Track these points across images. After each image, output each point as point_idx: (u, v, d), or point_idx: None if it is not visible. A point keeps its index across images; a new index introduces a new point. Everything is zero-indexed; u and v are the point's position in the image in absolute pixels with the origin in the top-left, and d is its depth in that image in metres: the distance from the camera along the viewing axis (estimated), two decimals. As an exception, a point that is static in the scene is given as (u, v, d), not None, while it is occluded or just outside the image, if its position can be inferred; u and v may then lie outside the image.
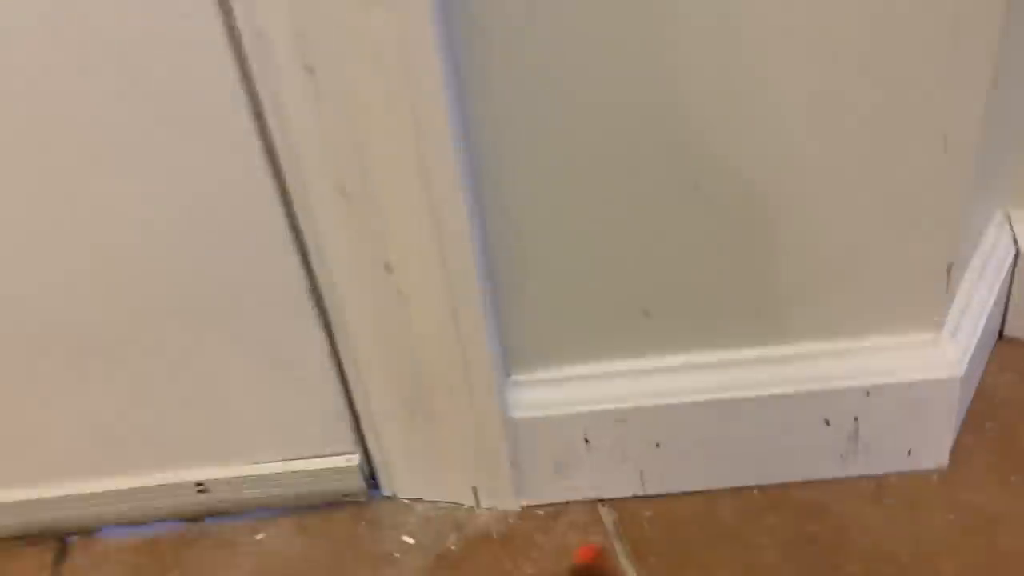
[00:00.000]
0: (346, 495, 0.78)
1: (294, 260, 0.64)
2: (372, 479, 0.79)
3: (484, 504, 0.78)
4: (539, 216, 0.64)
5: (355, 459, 0.76)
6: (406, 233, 0.61)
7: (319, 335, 0.68)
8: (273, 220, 0.62)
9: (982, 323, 0.74)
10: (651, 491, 0.76)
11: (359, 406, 0.73)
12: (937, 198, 0.62)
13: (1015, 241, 0.80)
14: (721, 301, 0.68)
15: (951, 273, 0.66)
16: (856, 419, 0.71)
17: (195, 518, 0.80)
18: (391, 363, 0.69)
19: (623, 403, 0.71)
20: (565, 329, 0.70)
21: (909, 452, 0.74)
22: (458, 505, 0.78)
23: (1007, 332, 0.86)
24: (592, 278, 0.67)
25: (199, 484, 0.77)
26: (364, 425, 0.74)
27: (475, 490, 0.77)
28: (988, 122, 0.60)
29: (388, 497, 0.80)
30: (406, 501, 0.79)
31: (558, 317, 0.69)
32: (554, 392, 0.72)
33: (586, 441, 0.73)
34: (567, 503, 0.77)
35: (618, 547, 0.73)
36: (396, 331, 0.67)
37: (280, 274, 0.65)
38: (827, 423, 0.72)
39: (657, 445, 0.73)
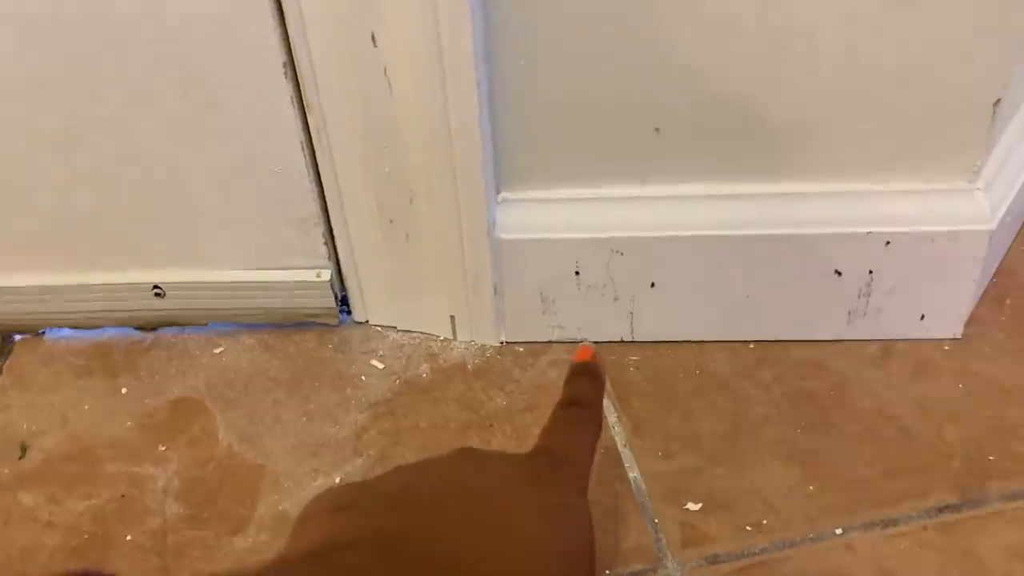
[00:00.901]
0: (315, 315, 0.73)
1: (270, 24, 0.57)
2: (344, 304, 0.74)
3: (462, 336, 0.72)
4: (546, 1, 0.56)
5: (326, 274, 0.70)
6: (397, -4, 0.54)
7: (293, 121, 0.61)
8: (249, -28, 0.55)
9: (1019, 182, 0.68)
10: (640, 337, 0.71)
11: (333, 212, 0.67)
12: (997, 14, 0.55)
13: (1062, 109, 0.73)
14: (735, 124, 0.61)
15: (997, 110, 0.60)
16: (871, 272, 0.66)
17: (150, 326, 0.75)
18: (371, 161, 0.63)
19: (620, 232, 0.65)
20: (567, 141, 0.63)
21: (922, 317, 0.68)
22: (434, 336, 0.73)
23: (1037, 217, 0.80)
24: (603, 84, 0.60)
25: (156, 287, 0.71)
26: (338, 236, 0.68)
27: (453, 320, 0.71)
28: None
29: (360, 323, 0.74)
30: (379, 328, 0.74)
31: (560, 125, 0.62)
32: (547, 214, 0.66)
33: (576, 273, 0.67)
34: (550, 343, 0.72)
35: (600, 388, 0.68)
36: (378, 121, 0.60)
37: (253, 41, 0.58)
38: (838, 274, 0.66)
39: (652, 285, 0.68)
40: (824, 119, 0.61)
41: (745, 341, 0.71)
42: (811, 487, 0.60)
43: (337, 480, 0.63)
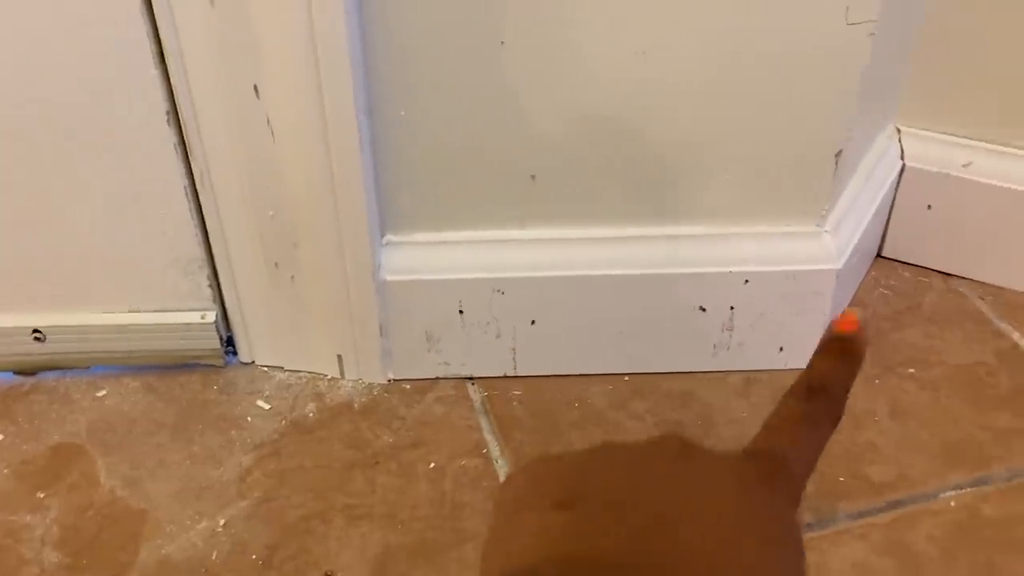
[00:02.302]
0: (200, 357, 0.73)
1: (153, 74, 0.58)
2: (230, 345, 0.74)
3: (349, 375, 0.74)
4: (425, 56, 0.60)
5: (211, 316, 0.71)
6: (278, 50, 0.56)
7: (176, 166, 0.62)
8: (131, 24, 0.56)
9: (864, 224, 0.74)
10: (523, 372, 0.74)
11: (218, 255, 0.68)
12: (838, 75, 0.61)
13: (902, 156, 0.81)
14: (607, 174, 0.66)
15: (839, 161, 0.66)
16: (732, 308, 0.71)
17: (30, 371, 0.73)
18: (255, 205, 0.64)
19: (501, 272, 0.68)
20: (449, 186, 0.66)
21: (780, 349, 0.74)
22: (321, 375, 0.74)
23: (885, 252, 0.87)
24: (480, 133, 0.63)
25: (35, 331, 0.70)
26: (223, 278, 0.69)
27: (340, 359, 0.73)
28: (889, 3, 0.59)
29: (246, 364, 0.75)
30: (265, 369, 0.75)
31: (442, 171, 0.65)
32: (432, 256, 0.69)
33: (461, 312, 0.70)
34: (436, 379, 0.74)
35: (483, 423, 0.70)
36: (262, 167, 0.62)
37: (138, 89, 0.59)
38: (703, 310, 0.71)
39: (533, 322, 0.71)
40: (688, 168, 0.66)
41: (621, 374, 0.75)
42: (680, 512, 0.64)
43: (222, 523, 0.63)
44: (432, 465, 0.67)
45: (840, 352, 0.31)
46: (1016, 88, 0.75)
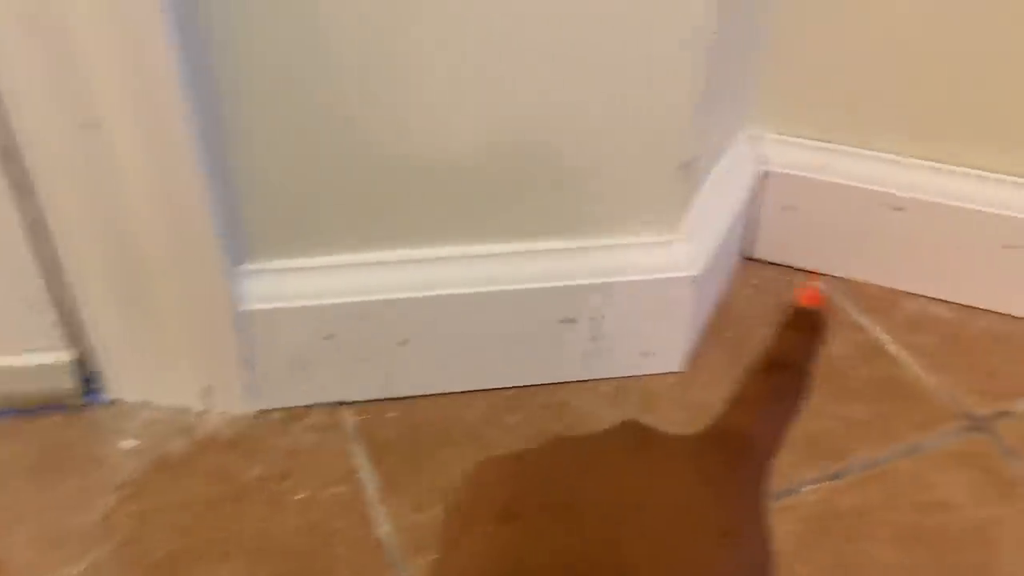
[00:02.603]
0: (59, 398, 0.71)
1: (-20, 112, 0.56)
2: (92, 384, 0.72)
3: (217, 408, 0.73)
4: (271, 83, 0.59)
5: (65, 356, 0.68)
6: (111, 83, 0.54)
7: (15, 204, 0.60)
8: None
9: (721, 229, 0.76)
10: (398, 393, 0.74)
11: (72, 293, 0.66)
12: (676, 90, 0.63)
13: (761, 161, 0.83)
14: (467, 193, 0.66)
15: (687, 172, 0.67)
16: (596, 319, 0.72)
17: None
18: (103, 241, 0.62)
19: (367, 296, 0.68)
20: (307, 212, 0.65)
21: (647, 355, 0.75)
22: (187, 409, 0.73)
23: (756, 254, 0.89)
24: (333, 158, 0.63)
25: None
26: (80, 316, 0.67)
27: (206, 392, 0.71)
28: (722, 18, 0.61)
29: (110, 401, 0.73)
30: (130, 405, 0.73)
31: (297, 198, 0.65)
32: (293, 283, 0.68)
33: (328, 337, 0.69)
34: (308, 407, 0.73)
35: (356, 449, 0.70)
36: (107, 203, 0.60)
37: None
38: (569, 321, 0.72)
39: (403, 343, 0.71)
40: (545, 185, 0.66)
41: (496, 388, 0.75)
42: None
43: (83, 569, 0.61)
44: (302, 495, 0.66)
45: (803, 325, 0.30)
46: (863, 93, 0.79)
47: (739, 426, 0.28)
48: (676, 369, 0.77)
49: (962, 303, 0.84)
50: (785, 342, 0.30)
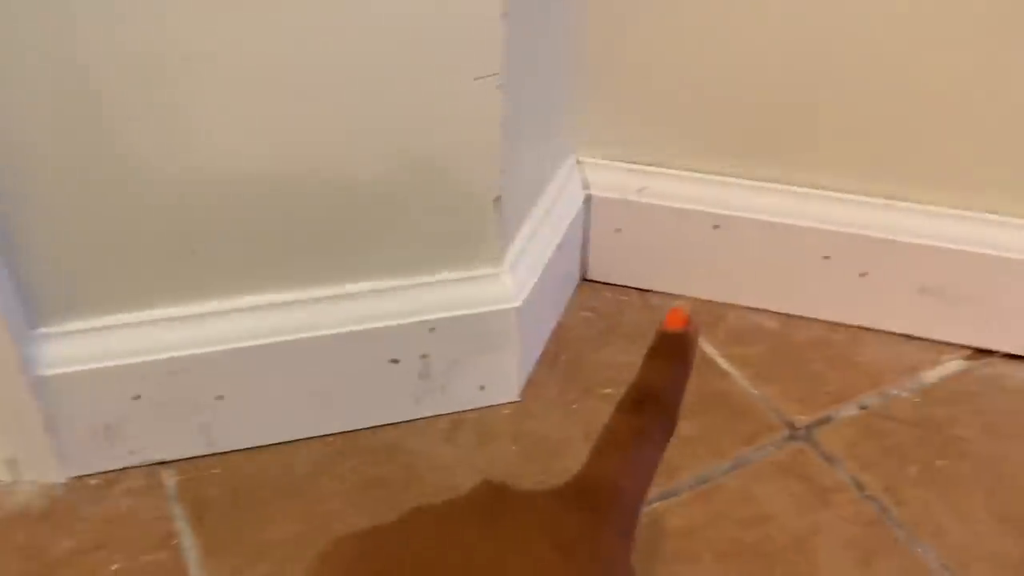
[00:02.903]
0: None
1: None
2: None
3: (24, 478, 0.68)
4: (38, 137, 0.56)
5: None
6: None
7: None
8: None
9: (545, 259, 0.76)
10: (221, 448, 0.71)
11: None
12: (475, 127, 0.63)
13: (585, 186, 0.84)
14: (275, 239, 0.64)
15: (499, 206, 0.67)
16: (424, 356, 0.71)
17: None
18: None
19: (177, 351, 0.65)
20: (105, 270, 0.62)
21: (482, 388, 0.75)
22: (-8, 483, 0.68)
23: (591, 276, 0.91)
24: (120, 213, 0.60)
25: None
26: None
27: (11, 463, 0.67)
28: (515, 53, 0.61)
29: (-97, 482, 0.68)
30: (-74, 484, 0.68)
31: (90, 258, 0.61)
32: (94, 344, 0.64)
33: (136, 397, 0.66)
34: (125, 469, 0.70)
35: (176, 511, 0.67)
36: None
37: None
38: (395, 362, 0.70)
39: (220, 397, 0.68)
40: (359, 226, 0.65)
41: (325, 436, 0.73)
42: None
43: None
44: (117, 566, 0.63)
45: (669, 353, 0.30)
46: (678, 117, 0.81)
47: (603, 475, 0.27)
48: (512, 399, 0.77)
49: (786, 313, 0.87)
50: (651, 372, 0.29)
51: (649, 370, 0.30)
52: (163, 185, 0.59)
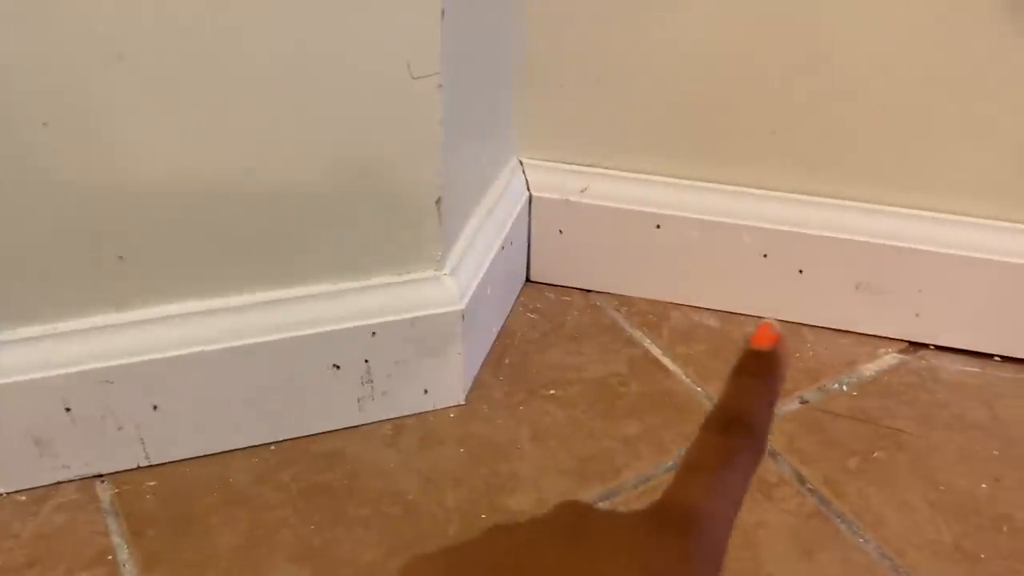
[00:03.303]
0: None
1: None
2: None
3: (-50, 497, 0.66)
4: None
5: None
6: None
7: None
8: None
9: (488, 261, 0.76)
10: (158, 460, 0.69)
11: None
12: (415, 128, 0.62)
13: (528, 187, 0.84)
14: (208, 244, 0.63)
15: (441, 208, 0.67)
16: (366, 361, 0.70)
17: None
18: None
19: (107, 361, 0.63)
20: (23, 280, 0.60)
21: (426, 392, 0.74)
22: (-85, 502, 0.65)
23: (536, 277, 0.90)
24: (46, 220, 0.58)
25: None
26: None
27: (-66, 482, 0.64)
28: (454, 53, 0.61)
29: None
30: None
31: (13, 268, 0.59)
32: (21, 355, 0.62)
33: (67, 409, 0.64)
34: (57, 484, 0.67)
35: (112, 524, 0.65)
36: None
37: None
38: (336, 367, 0.69)
39: (154, 408, 0.66)
40: (299, 229, 0.64)
41: (267, 444, 0.72)
42: (325, 582, 0.62)
43: None
44: (49, 584, 0.61)
45: (757, 372, 0.28)
46: (617, 119, 0.81)
47: (691, 499, 0.26)
48: (457, 403, 0.76)
49: (728, 311, 0.88)
50: (739, 392, 0.28)
51: (737, 389, 0.28)
52: (82, 194, 0.58)
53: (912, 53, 0.72)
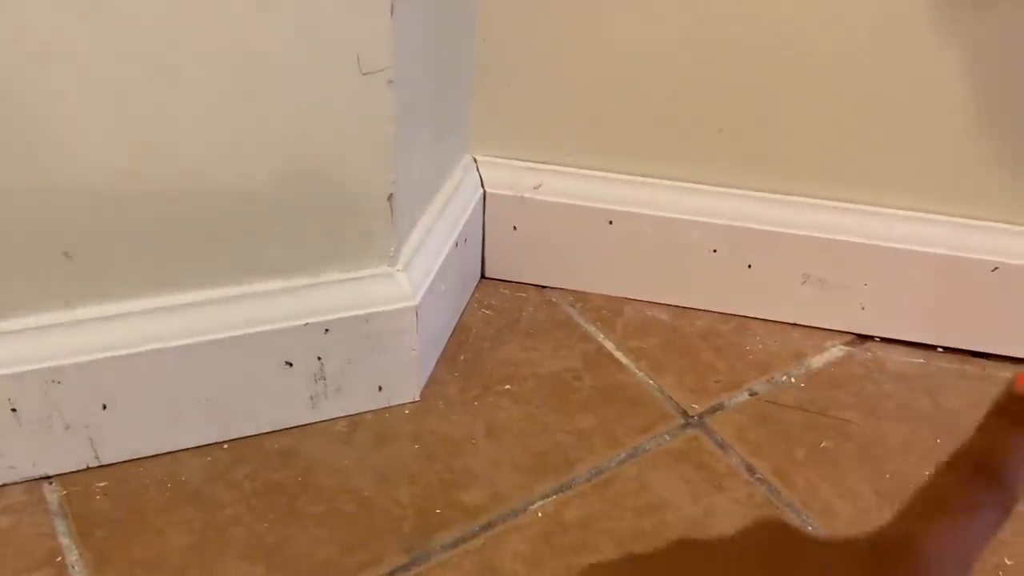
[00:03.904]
0: None
1: None
2: None
3: None
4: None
5: None
6: None
7: None
8: None
9: (442, 257, 0.76)
10: (109, 460, 0.68)
11: None
12: (366, 123, 0.62)
13: (482, 184, 0.85)
14: (156, 241, 0.62)
15: (393, 204, 0.67)
16: (320, 358, 0.70)
17: None
18: None
19: (54, 361, 0.63)
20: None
21: (380, 388, 0.74)
22: None
23: (491, 274, 0.91)
24: (-9, 216, 0.57)
25: None
26: None
27: None
28: (406, 48, 0.61)
29: None
30: None
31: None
32: (-36, 356, 0.61)
33: (13, 410, 0.63)
34: (3, 486, 0.66)
35: (60, 526, 0.64)
36: None
37: None
38: (289, 365, 0.69)
39: (104, 407, 0.66)
40: (245, 225, 0.64)
41: (220, 442, 0.71)
42: (279, 580, 0.62)
43: None
44: (-5, 588, 0.60)
45: (1019, 419, 0.24)
46: (569, 116, 0.82)
47: (916, 541, 0.22)
48: (412, 399, 0.76)
49: (680, 305, 0.89)
50: (996, 436, 0.24)
51: (993, 433, 0.25)
52: (20, 191, 0.57)
53: (853, 50, 0.74)
